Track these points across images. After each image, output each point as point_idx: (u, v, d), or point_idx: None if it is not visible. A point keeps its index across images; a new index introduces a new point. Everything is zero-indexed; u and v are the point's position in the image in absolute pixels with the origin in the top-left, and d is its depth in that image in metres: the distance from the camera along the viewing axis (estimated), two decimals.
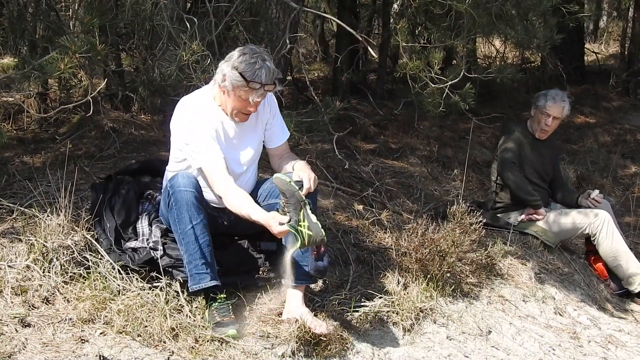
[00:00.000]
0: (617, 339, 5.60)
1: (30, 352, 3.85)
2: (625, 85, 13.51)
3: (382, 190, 6.96)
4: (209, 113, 4.51)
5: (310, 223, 4.09)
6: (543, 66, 12.82)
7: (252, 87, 4.34)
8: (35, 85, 7.11)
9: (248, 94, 4.37)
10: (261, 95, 4.39)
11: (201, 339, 4.20)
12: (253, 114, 4.57)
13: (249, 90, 4.35)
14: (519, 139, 6.65)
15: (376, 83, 11.11)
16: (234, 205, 4.28)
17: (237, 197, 4.27)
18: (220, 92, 4.50)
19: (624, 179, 9.87)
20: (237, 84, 4.36)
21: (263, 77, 4.32)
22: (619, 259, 6.38)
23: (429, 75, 6.13)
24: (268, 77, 4.34)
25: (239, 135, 4.61)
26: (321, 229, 4.10)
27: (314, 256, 4.35)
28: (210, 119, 4.50)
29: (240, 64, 4.35)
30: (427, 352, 4.68)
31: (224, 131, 4.55)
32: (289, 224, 4.06)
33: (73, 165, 5.63)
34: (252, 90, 4.35)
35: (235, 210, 4.29)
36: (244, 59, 4.35)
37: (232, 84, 4.38)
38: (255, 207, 4.21)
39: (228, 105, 4.49)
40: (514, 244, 6.30)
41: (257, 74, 4.32)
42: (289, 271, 4.48)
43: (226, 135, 4.56)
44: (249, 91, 4.36)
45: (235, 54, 4.41)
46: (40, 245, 4.50)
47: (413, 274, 5.21)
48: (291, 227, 4.06)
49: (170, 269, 4.57)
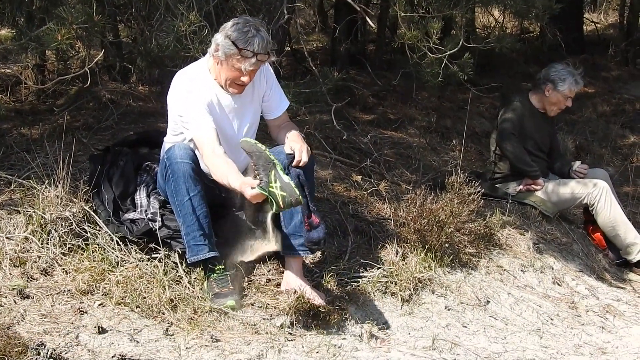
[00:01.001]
0: (615, 308, 5.62)
1: (29, 323, 3.86)
2: (624, 54, 13.44)
3: (380, 161, 6.96)
4: (203, 85, 4.49)
5: (282, 183, 3.97)
6: (542, 36, 12.76)
7: (244, 55, 4.30)
8: (33, 57, 7.09)
9: (240, 63, 4.33)
10: (254, 65, 4.34)
11: (200, 310, 4.21)
12: (249, 86, 4.55)
13: (241, 58, 4.31)
14: (520, 109, 6.63)
15: (375, 53, 11.06)
16: (217, 174, 4.22)
17: (221, 166, 4.20)
18: (215, 63, 4.47)
19: (622, 148, 9.85)
20: (230, 52, 4.33)
21: (255, 45, 4.28)
22: (618, 229, 6.39)
23: (428, 45, 6.09)
24: (261, 46, 4.29)
25: (234, 108, 4.59)
26: (295, 189, 3.98)
27: (306, 228, 4.35)
28: (205, 91, 4.47)
29: (233, 32, 4.31)
30: (426, 322, 4.70)
31: (218, 103, 4.52)
32: (259, 186, 3.97)
33: (71, 137, 5.63)
34: (244, 59, 4.31)
35: (218, 180, 4.24)
36: (236, 28, 4.32)
37: (224, 53, 4.35)
38: (233, 174, 4.13)
39: (222, 75, 4.46)
40: (513, 214, 6.30)
41: (249, 42, 4.28)
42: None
43: (221, 107, 4.54)
44: (241, 59, 4.32)
45: (229, 24, 4.38)
46: (38, 216, 4.50)
47: (411, 244, 5.22)
48: (262, 190, 3.96)
49: (168, 240, 4.58)
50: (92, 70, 5.13)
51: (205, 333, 4.03)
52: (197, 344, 3.93)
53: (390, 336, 4.47)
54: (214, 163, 4.24)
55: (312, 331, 4.27)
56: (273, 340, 4.08)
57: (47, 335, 3.78)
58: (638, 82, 12.53)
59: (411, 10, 6.59)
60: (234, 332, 4.12)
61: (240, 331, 4.15)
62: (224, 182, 4.19)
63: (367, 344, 4.30)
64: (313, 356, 4.03)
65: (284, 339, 4.13)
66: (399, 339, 4.45)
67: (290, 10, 6.34)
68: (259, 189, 3.95)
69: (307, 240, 4.40)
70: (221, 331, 4.10)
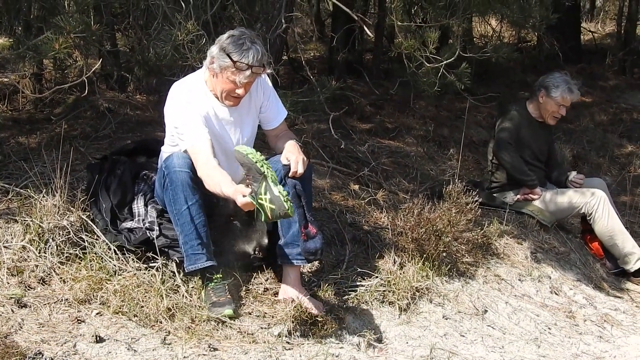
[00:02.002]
0: (612, 317, 5.62)
1: (27, 332, 3.86)
2: (622, 64, 13.48)
3: (378, 170, 6.96)
4: (199, 97, 4.48)
5: (272, 196, 3.95)
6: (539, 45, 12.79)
7: (239, 67, 4.29)
8: (30, 66, 7.10)
9: (235, 75, 4.32)
10: (248, 77, 4.33)
11: (197, 319, 4.21)
12: (246, 98, 4.55)
13: (236, 71, 4.31)
14: (517, 119, 6.64)
15: (372, 63, 11.08)
16: (211, 184, 4.19)
17: (215, 176, 4.18)
18: (210, 75, 4.47)
19: (620, 158, 9.87)
20: (224, 65, 4.32)
21: (250, 58, 4.27)
22: (615, 238, 6.39)
23: (425, 54, 6.11)
24: (256, 58, 4.28)
25: (231, 120, 4.58)
26: (285, 202, 3.95)
27: (303, 238, 4.36)
28: (202, 103, 4.47)
29: (228, 45, 4.31)
30: (423, 332, 4.70)
31: (215, 115, 4.52)
32: (250, 195, 3.94)
33: (68, 146, 5.62)
34: (239, 72, 4.31)
35: (212, 189, 4.21)
36: (231, 40, 4.32)
37: (219, 65, 4.34)
38: (227, 182, 4.11)
39: (217, 88, 4.45)
40: (510, 224, 6.30)
41: (244, 55, 4.27)
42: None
43: (218, 119, 4.53)
44: (236, 72, 4.31)
45: (224, 36, 4.38)
46: (36, 225, 4.49)
47: (409, 253, 5.22)
48: (253, 199, 3.95)
49: (166, 249, 4.57)
50: (89, 79, 5.13)
51: (202, 342, 4.02)
52: (195, 353, 3.93)
53: (388, 345, 4.46)
54: (208, 173, 4.23)
55: (310, 340, 4.26)
56: (271, 349, 4.07)
57: (45, 344, 3.77)
58: (636, 91, 12.56)
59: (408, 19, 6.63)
60: (232, 341, 4.11)
61: (238, 340, 4.14)
62: (217, 191, 4.16)
63: (365, 353, 4.29)
64: None
65: (282, 348, 4.12)
66: (397, 348, 4.44)
67: (287, 19, 6.34)
68: (250, 197, 3.94)
69: (304, 251, 4.41)
70: (219, 340, 4.09)
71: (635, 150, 10.06)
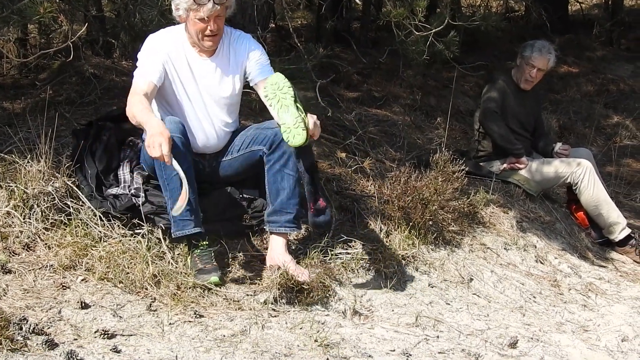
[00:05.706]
0: (597, 286, 5.65)
1: (11, 298, 3.84)
2: (609, 34, 13.48)
3: (365, 139, 6.94)
4: (172, 45, 4.54)
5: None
6: (527, 15, 12.79)
7: (200, 2, 4.32)
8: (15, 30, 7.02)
9: (199, 12, 4.35)
10: (212, 10, 4.34)
11: (183, 286, 4.20)
12: (227, 53, 4.57)
13: (198, 7, 4.34)
14: (503, 88, 6.63)
15: (360, 31, 11.03)
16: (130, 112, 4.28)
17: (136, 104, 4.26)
18: (184, 25, 4.51)
19: (606, 128, 9.90)
20: (187, 6, 4.38)
21: None
22: (600, 208, 6.41)
23: (413, 23, 6.08)
24: None
25: (208, 73, 4.59)
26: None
27: (312, 212, 4.37)
28: (171, 50, 4.52)
29: None
30: (409, 299, 4.71)
31: (188, 66, 4.55)
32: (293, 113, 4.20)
33: (53, 112, 5.57)
34: (201, 6, 4.34)
35: (131, 118, 4.29)
36: None
37: (184, 9, 4.40)
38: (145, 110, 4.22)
39: (192, 34, 4.49)
40: (496, 193, 6.31)
41: None
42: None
43: (190, 69, 4.56)
44: (198, 8, 4.35)
45: None
46: (20, 191, 4.46)
47: (395, 221, 5.22)
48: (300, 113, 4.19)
49: (152, 215, 4.56)
50: (75, 44, 5.08)
51: (188, 309, 4.02)
52: (181, 320, 3.92)
53: (373, 313, 4.47)
54: (130, 100, 4.31)
55: (296, 307, 4.27)
56: (256, 316, 4.07)
57: (30, 310, 3.76)
58: (622, 62, 12.58)
59: None
60: (218, 308, 4.11)
61: (224, 307, 4.14)
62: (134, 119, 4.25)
63: (351, 320, 4.30)
64: (296, 332, 4.02)
65: (268, 314, 4.13)
66: (383, 316, 4.45)
67: None
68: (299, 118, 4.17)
69: (314, 225, 4.49)
70: (205, 307, 4.09)
71: (621, 121, 10.09)
